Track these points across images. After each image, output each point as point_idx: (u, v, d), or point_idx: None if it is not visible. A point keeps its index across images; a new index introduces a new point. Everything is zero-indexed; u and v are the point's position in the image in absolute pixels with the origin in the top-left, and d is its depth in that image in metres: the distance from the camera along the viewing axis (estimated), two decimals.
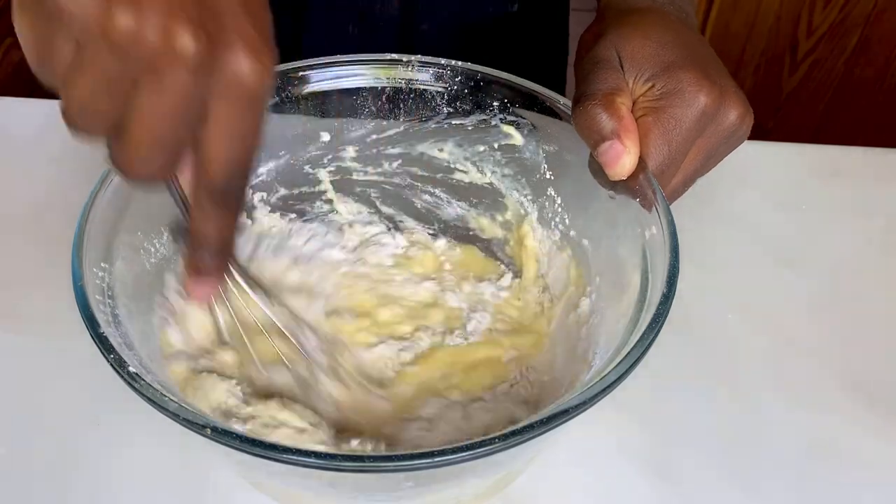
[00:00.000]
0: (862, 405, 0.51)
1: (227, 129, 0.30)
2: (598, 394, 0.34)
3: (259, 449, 0.32)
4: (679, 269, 0.38)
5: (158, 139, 0.29)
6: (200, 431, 0.32)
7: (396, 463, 0.32)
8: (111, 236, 0.41)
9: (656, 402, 0.50)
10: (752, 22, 1.42)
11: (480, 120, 0.50)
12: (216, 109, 0.29)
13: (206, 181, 0.31)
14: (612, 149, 0.41)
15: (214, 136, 0.30)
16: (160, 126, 0.29)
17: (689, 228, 0.59)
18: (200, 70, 0.28)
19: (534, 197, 0.51)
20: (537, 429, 0.32)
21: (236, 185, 0.32)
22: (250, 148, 0.31)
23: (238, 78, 0.28)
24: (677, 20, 0.48)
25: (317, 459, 0.31)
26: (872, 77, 1.47)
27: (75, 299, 0.37)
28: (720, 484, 0.47)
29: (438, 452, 0.31)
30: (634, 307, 0.38)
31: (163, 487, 0.46)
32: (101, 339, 0.35)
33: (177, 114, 0.28)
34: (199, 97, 0.28)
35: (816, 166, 0.67)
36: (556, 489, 0.46)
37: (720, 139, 0.44)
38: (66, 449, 0.47)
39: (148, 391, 0.34)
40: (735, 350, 0.54)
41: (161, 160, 0.30)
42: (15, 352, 0.52)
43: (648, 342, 0.36)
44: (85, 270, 0.38)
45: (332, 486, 0.38)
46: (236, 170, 0.31)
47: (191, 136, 0.30)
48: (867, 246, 0.61)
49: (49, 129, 0.67)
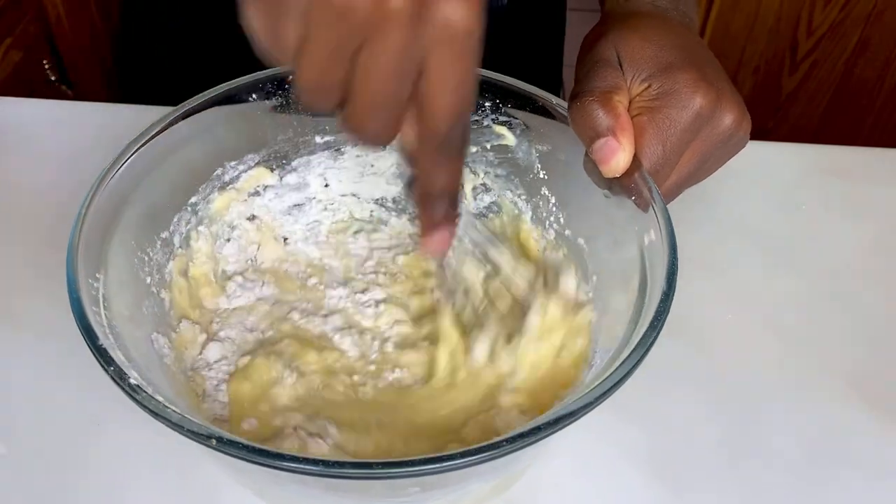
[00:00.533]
0: (862, 405, 0.51)
1: (445, 77, 0.30)
2: (601, 395, 0.34)
3: (263, 458, 0.32)
4: (678, 266, 0.38)
5: (384, 98, 0.30)
6: (205, 442, 0.32)
7: (400, 469, 0.31)
8: (104, 245, 0.41)
9: (656, 402, 0.50)
10: (752, 22, 1.42)
11: (472, 120, 0.50)
12: (433, 60, 0.30)
13: (430, 132, 0.32)
14: (607, 146, 0.41)
15: (435, 87, 0.30)
16: (385, 84, 0.30)
17: (688, 228, 0.60)
18: (414, 23, 0.29)
19: (528, 197, 0.51)
20: (543, 431, 0.32)
21: (459, 131, 0.32)
22: (468, 93, 0.31)
23: (450, 24, 0.29)
24: (679, 24, 0.49)
25: (321, 468, 0.31)
26: (872, 77, 1.47)
27: (72, 310, 0.37)
28: (720, 484, 0.47)
29: (443, 458, 0.31)
30: (634, 307, 0.38)
31: (163, 487, 0.46)
32: (100, 352, 0.35)
33: (399, 69, 0.30)
34: (417, 50, 0.29)
35: (816, 166, 0.67)
36: (557, 491, 0.46)
37: (715, 142, 0.44)
38: (67, 449, 0.47)
39: (150, 403, 0.34)
40: (735, 350, 0.53)
41: (389, 118, 0.31)
42: (15, 352, 0.52)
43: (650, 342, 0.36)
44: (80, 281, 0.38)
45: (335, 493, 0.38)
46: (458, 117, 0.32)
47: (412, 91, 0.31)
48: (867, 246, 0.61)
49: (49, 129, 0.67)
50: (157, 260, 0.46)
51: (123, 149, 0.44)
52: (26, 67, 1.19)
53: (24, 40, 1.19)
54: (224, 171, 0.50)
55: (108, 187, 0.42)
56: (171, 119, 0.45)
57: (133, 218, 0.43)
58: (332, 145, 0.52)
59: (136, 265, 0.44)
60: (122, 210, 0.43)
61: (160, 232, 0.47)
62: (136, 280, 0.44)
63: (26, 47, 1.19)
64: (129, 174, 0.43)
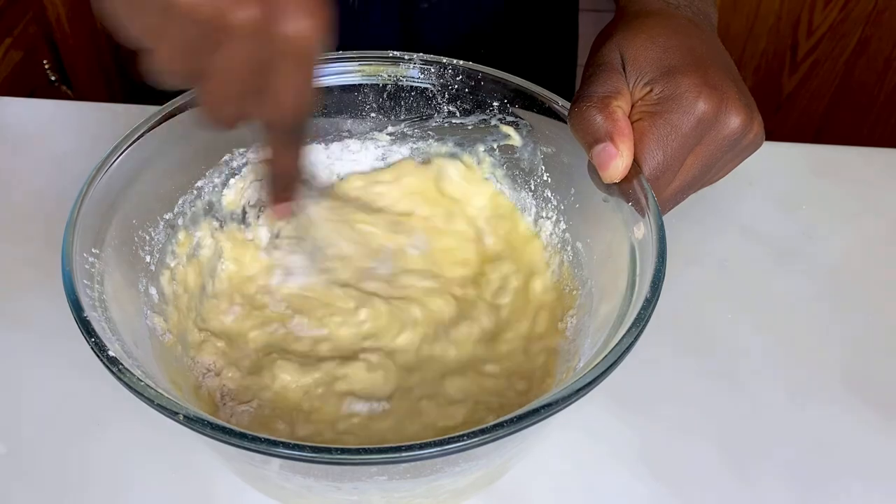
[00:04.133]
0: (861, 405, 0.51)
1: (288, 82, 0.34)
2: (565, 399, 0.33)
3: (224, 435, 0.32)
4: (665, 274, 0.37)
5: (228, 93, 0.34)
6: (173, 417, 0.33)
7: (361, 457, 0.32)
8: (105, 223, 0.42)
9: (656, 401, 0.50)
10: (752, 22, 1.42)
11: (480, 120, 0.50)
12: (278, 66, 0.34)
13: (275, 124, 0.37)
14: (605, 151, 0.41)
15: (279, 89, 0.35)
16: (229, 85, 0.34)
17: (689, 228, 0.60)
18: (260, 36, 0.32)
19: (531, 198, 0.51)
20: (506, 428, 0.32)
21: (301, 121, 0.37)
22: (308, 94, 0.36)
23: (293, 39, 0.33)
24: (689, 23, 0.48)
25: (282, 449, 0.31)
26: (872, 77, 1.47)
27: (62, 281, 0.37)
28: (718, 484, 0.47)
29: (405, 448, 0.31)
30: (618, 312, 0.38)
31: (164, 487, 0.46)
32: (83, 323, 0.36)
33: (242, 74, 0.33)
34: (263, 57, 0.33)
35: (816, 166, 0.67)
36: (556, 491, 0.46)
37: (721, 147, 0.44)
38: (67, 449, 0.47)
39: (125, 375, 0.34)
40: (735, 350, 0.54)
41: (233, 109, 0.35)
42: (15, 352, 0.52)
43: (626, 348, 0.35)
44: (75, 254, 0.38)
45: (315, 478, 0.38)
46: (299, 114, 0.36)
47: (261, 85, 0.34)
48: (867, 246, 0.61)
49: (49, 129, 0.67)
50: (159, 240, 0.46)
51: (133, 129, 0.44)
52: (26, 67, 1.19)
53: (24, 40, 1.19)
54: (232, 157, 0.50)
55: (114, 168, 0.43)
56: (181, 104, 0.46)
57: (135, 198, 0.44)
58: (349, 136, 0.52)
59: (136, 243, 0.45)
60: (126, 190, 0.43)
61: (163, 213, 0.47)
62: (135, 258, 0.44)
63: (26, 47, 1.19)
64: (137, 155, 0.44)
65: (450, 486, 0.40)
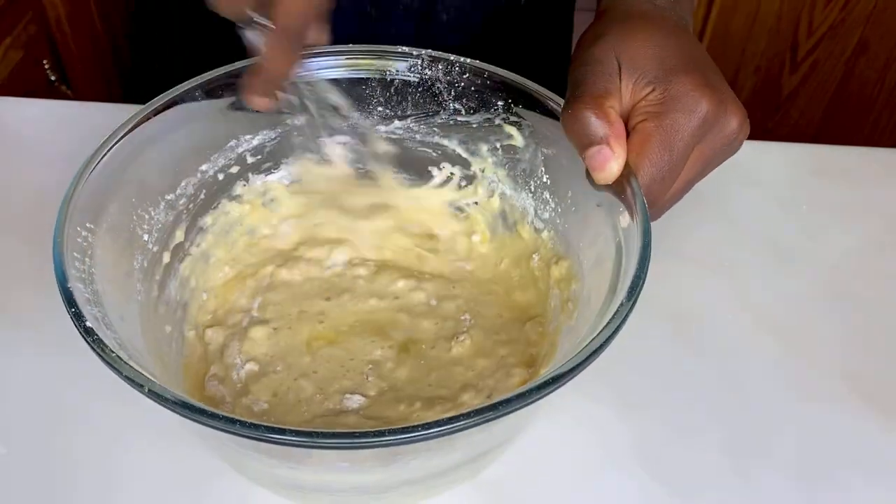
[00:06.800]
0: (861, 404, 0.51)
1: None
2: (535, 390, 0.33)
3: (190, 413, 0.32)
4: (644, 279, 0.37)
5: None
6: (139, 389, 0.33)
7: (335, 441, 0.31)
8: (103, 199, 0.42)
9: (655, 401, 0.50)
10: (752, 22, 1.42)
11: (485, 119, 0.50)
12: None
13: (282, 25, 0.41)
14: (600, 153, 0.41)
15: None
16: None
17: (689, 228, 0.60)
18: None
19: (530, 198, 0.51)
20: (485, 413, 0.32)
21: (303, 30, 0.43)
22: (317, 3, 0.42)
23: None
24: (676, 26, 0.48)
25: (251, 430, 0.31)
26: (872, 77, 1.47)
27: (52, 251, 0.37)
28: (718, 484, 0.47)
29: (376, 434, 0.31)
30: (597, 315, 0.38)
31: (163, 485, 0.46)
32: (66, 293, 0.36)
33: None
34: None
35: (816, 166, 0.67)
36: (548, 486, 0.46)
37: (720, 146, 0.44)
38: (67, 449, 0.47)
39: (99, 346, 0.34)
40: (734, 349, 0.54)
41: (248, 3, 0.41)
42: (15, 351, 0.52)
43: (594, 349, 0.34)
44: (67, 227, 0.39)
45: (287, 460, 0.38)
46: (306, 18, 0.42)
47: None
48: (867, 246, 0.61)
49: (49, 129, 0.67)
50: (159, 219, 0.47)
51: (139, 111, 0.45)
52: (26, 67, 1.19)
53: (24, 40, 1.18)
54: (238, 143, 0.50)
55: (117, 148, 0.43)
56: (188, 88, 0.47)
57: (136, 177, 0.44)
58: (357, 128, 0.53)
59: (135, 221, 0.45)
60: (127, 168, 0.44)
61: (165, 194, 0.47)
62: (132, 235, 0.45)
63: (26, 47, 1.19)
64: (140, 137, 0.44)
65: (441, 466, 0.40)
